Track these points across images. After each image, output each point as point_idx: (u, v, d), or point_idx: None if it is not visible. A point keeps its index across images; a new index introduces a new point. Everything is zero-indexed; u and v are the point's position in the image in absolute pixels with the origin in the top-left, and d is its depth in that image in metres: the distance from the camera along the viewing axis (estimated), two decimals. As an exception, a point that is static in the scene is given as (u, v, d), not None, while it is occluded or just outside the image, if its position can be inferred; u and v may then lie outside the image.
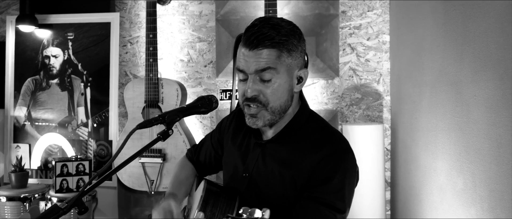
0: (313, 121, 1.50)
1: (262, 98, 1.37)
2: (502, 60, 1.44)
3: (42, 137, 3.38)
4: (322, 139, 1.42)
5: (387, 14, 3.09)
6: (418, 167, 2.40)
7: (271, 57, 1.33)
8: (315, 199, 1.33)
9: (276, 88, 1.37)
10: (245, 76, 1.38)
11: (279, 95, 1.38)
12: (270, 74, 1.35)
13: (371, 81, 3.13)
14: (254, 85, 1.36)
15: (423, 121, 2.32)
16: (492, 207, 1.53)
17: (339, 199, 1.34)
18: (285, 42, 1.35)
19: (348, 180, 1.37)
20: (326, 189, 1.33)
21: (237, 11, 3.24)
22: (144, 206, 3.28)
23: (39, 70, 3.39)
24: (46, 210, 1.29)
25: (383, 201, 2.79)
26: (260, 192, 1.47)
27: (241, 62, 1.37)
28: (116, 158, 3.12)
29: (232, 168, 1.60)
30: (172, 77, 3.31)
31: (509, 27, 1.39)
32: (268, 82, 1.36)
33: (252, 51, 1.34)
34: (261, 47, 1.33)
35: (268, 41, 1.33)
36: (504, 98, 1.43)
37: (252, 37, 1.34)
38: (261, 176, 1.47)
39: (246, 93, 1.38)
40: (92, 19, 3.32)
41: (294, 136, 1.46)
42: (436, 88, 2.11)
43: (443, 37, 2.01)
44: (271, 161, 1.46)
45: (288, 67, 1.37)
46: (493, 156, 1.52)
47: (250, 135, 1.56)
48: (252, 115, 1.41)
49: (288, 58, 1.36)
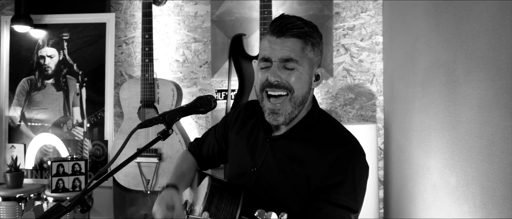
0: (325, 119, 1.54)
1: (286, 84, 1.40)
2: (494, 61, 1.48)
3: (35, 137, 3.38)
4: (335, 139, 1.46)
5: (380, 15, 3.14)
6: (411, 166, 2.45)
7: (296, 48, 1.38)
8: (330, 200, 1.36)
9: (299, 76, 1.40)
10: (268, 64, 1.41)
11: (302, 85, 1.42)
12: (294, 64, 1.39)
13: (364, 81, 3.17)
14: (278, 72, 1.40)
15: (416, 120, 2.36)
16: (484, 203, 1.58)
17: (353, 200, 1.38)
18: (311, 34, 1.41)
19: (360, 180, 1.42)
20: (341, 191, 1.37)
21: (232, 12, 3.27)
22: (139, 205, 3.30)
23: (34, 71, 3.40)
24: (49, 208, 1.31)
25: (376, 200, 2.84)
26: (269, 187, 1.49)
27: (267, 50, 1.41)
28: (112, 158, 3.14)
29: (239, 162, 1.62)
30: (168, 78, 3.33)
31: (501, 30, 1.43)
32: (292, 71, 1.40)
33: (279, 39, 1.39)
34: (288, 35, 1.38)
35: (296, 29, 1.38)
36: (496, 98, 1.47)
37: (281, 25, 1.39)
38: (270, 171, 1.49)
39: (270, 79, 1.40)
40: (88, 19, 3.33)
41: (305, 133, 1.48)
42: (429, 88, 2.15)
43: (436, 38, 2.06)
44: (282, 156, 1.48)
45: (310, 61, 1.42)
46: (485, 154, 1.56)
47: (259, 129, 1.58)
48: (273, 110, 1.44)
49: (310, 52, 1.41)
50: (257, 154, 1.55)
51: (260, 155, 1.54)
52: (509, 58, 1.39)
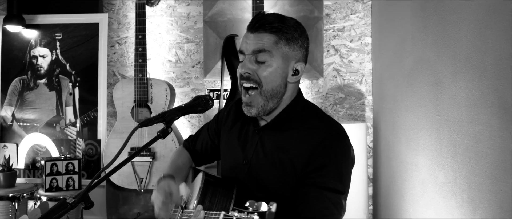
0: (309, 108, 1.60)
1: (255, 77, 1.47)
2: (481, 62, 1.56)
3: (26, 136, 3.38)
4: (318, 125, 1.52)
5: (369, 17, 3.22)
6: (400, 163, 2.52)
7: (268, 41, 1.46)
8: (317, 184, 1.41)
9: (270, 71, 1.47)
10: (243, 57, 1.50)
11: (272, 78, 1.48)
12: (265, 56, 1.46)
13: (354, 81, 3.25)
14: (249, 64, 1.48)
15: (405, 119, 2.44)
16: (472, 198, 1.65)
17: (338, 181, 1.43)
18: (285, 30, 1.47)
19: (345, 161, 1.47)
20: (325, 173, 1.42)
21: (224, 13, 3.32)
22: (132, 204, 3.32)
23: (27, 70, 3.40)
24: (54, 205, 1.35)
25: (366, 197, 2.91)
26: (260, 178, 1.54)
27: (242, 45, 1.50)
28: (105, 157, 3.15)
29: (231, 156, 1.67)
30: (160, 78, 3.37)
31: (487, 32, 1.51)
32: (262, 64, 1.47)
33: (253, 34, 1.47)
34: (261, 31, 1.46)
35: (268, 25, 1.46)
36: (483, 98, 1.55)
37: (255, 21, 1.47)
38: (260, 162, 1.55)
39: (239, 70, 1.50)
40: (81, 19, 3.35)
41: (290, 122, 1.54)
42: (418, 88, 2.23)
43: (423, 40, 2.14)
44: (270, 147, 1.54)
45: (284, 55, 1.48)
46: (472, 151, 1.64)
47: (249, 123, 1.64)
48: (247, 103, 1.51)
49: (285, 47, 1.47)
50: (248, 146, 1.61)
51: (251, 147, 1.60)
52: (494, 59, 1.46)
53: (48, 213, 1.32)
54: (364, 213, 2.87)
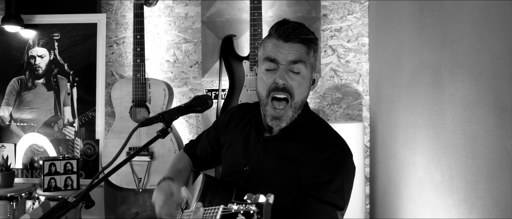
0: (316, 121, 1.62)
1: (290, 88, 1.46)
2: (477, 62, 1.58)
3: (24, 136, 3.39)
4: (325, 140, 1.54)
5: (366, 17, 3.24)
6: (397, 162, 2.54)
7: (303, 52, 1.45)
8: (319, 198, 1.43)
9: (302, 82, 1.47)
10: (274, 66, 1.46)
11: (303, 90, 1.49)
12: (300, 67, 1.45)
13: (351, 81, 3.27)
14: (285, 74, 1.45)
15: (402, 119, 2.46)
16: (468, 196, 1.67)
17: (340, 198, 1.46)
18: (313, 40, 1.48)
19: (347, 180, 1.50)
20: (329, 188, 1.44)
21: (222, 14, 3.34)
22: (130, 203, 3.33)
23: (25, 70, 3.40)
24: (56, 204, 1.36)
25: (363, 196, 2.93)
26: (261, 184, 1.55)
27: (273, 52, 1.46)
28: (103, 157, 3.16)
29: (232, 161, 1.68)
30: (159, 78, 3.38)
31: (484, 33, 1.53)
32: (297, 75, 1.46)
33: (287, 43, 1.45)
34: (295, 40, 1.44)
35: (303, 35, 1.45)
36: (479, 98, 1.57)
37: (289, 30, 1.44)
38: (262, 169, 1.56)
39: (277, 81, 1.45)
40: (79, 20, 3.36)
41: (297, 134, 1.55)
42: (415, 88, 2.25)
43: (421, 41, 2.15)
44: (274, 156, 1.55)
45: (311, 65, 1.49)
46: (469, 150, 1.66)
47: (251, 129, 1.64)
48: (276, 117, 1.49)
49: (311, 58, 1.49)
50: (250, 153, 1.61)
51: (253, 154, 1.60)
52: (491, 60, 1.48)
53: (49, 212, 1.33)
54: (361, 212, 2.89)
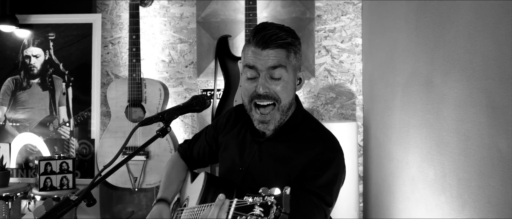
0: (308, 120, 1.64)
1: (273, 94, 1.47)
2: (469, 63, 1.62)
3: (18, 136, 3.38)
4: (315, 138, 1.56)
5: (359, 18, 3.29)
6: (391, 161, 2.59)
7: (281, 56, 1.46)
8: (307, 189, 1.45)
9: (286, 86, 1.49)
10: (255, 74, 1.48)
11: (288, 93, 1.51)
12: (280, 72, 1.46)
13: (344, 81, 3.31)
14: (265, 82, 1.47)
15: (396, 118, 2.50)
16: (460, 193, 1.72)
17: (327, 193, 1.47)
18: (293, 43, 1.49)
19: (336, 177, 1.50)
20: (317, 183, 1.46)
21: (217, 14, 3.36)
22: (126, 203, 3.35)
23: (20, 70, 3.40)
24: (58, 202, 1.38)
25: (356, 195, 2.97)
26: (255, 184, 1.57)
27: (251, 60, 1.47)
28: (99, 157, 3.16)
29: (229, 162, 1.71)
30: (154, 78, 3.39)
31: (476, 35, 1.57)
32: (278, 80, 1.47)
33: (264, 50, 1.45)
34: (273, 46, 1.45)
35: (280, 40, 1.45)
36: (471, 97, 1.62)
37: (265, 36, 1.45)
38: (257, 170, 1.59)
39: (258, 90, 1.47)
40: (74, 20, 3.36)
41: (290, 134, 1.58)
42: (408, 88, 2.29)
43: (414, 41, 2.20)
44: (268, 157, 1.58)
45: (293, 67, 1.51)
46: (461, 148, 1.70)
47: (246, 131, 1.67)
48: (263, 121, 1.51)
49: (293, 59, 1.50)
50: (246, 154, 1.64)
51: (249, 155, 1.63)
52: (483, 60, 1.53)
53: (52, 210, 1.35)
54: (355, 211, 2.93)
